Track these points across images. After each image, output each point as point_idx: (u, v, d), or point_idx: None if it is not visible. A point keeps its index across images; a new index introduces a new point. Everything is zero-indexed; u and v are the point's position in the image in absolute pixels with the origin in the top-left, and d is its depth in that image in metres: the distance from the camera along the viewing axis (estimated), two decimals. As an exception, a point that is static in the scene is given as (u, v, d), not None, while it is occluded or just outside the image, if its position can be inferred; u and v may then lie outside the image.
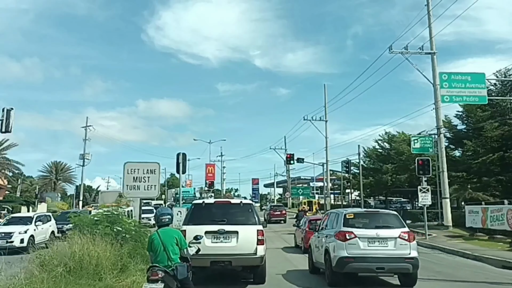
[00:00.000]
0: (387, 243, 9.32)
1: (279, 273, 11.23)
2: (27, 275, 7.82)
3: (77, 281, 8.13)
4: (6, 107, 18.05)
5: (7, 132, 18.52)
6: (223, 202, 10.81)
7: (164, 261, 6.07)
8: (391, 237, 9.36)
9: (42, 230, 19.26)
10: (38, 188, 55.34)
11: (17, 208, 37.93)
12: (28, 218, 19.46)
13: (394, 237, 9.34)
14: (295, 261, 14.42)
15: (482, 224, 20.70)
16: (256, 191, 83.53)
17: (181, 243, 6.25)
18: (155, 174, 13.74)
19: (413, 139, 26.79)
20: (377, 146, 43.42)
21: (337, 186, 56.14)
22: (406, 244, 9.33)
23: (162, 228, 6.34)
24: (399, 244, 9.30)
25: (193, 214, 9.71)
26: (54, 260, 8.82)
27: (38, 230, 18.92)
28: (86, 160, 49.96)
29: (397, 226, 9.69)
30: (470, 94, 23.14)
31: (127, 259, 9.66)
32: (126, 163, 13.78)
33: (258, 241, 9.21)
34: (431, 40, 25.21)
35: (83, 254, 8.88)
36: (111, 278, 8.56)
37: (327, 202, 48.84)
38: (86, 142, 50.36)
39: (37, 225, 18.94)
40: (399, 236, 9.35)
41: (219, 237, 9.15)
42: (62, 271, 8.23)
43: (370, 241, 9.31)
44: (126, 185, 13.62)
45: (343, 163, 43.04)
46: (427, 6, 25.26)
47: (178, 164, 17.40)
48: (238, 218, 9.50)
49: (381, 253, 9.20)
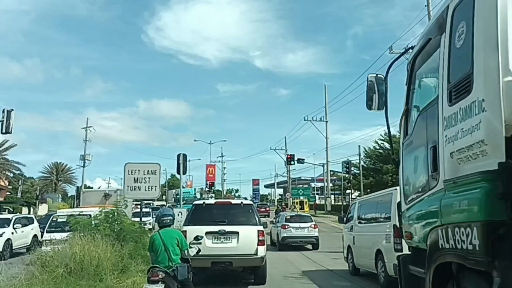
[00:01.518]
0: (305, 229, 18.86)
1: (280, 274, 11.24)
2: (27, 276, 7.83)
3: (77, 282, 8.13)
4: (7, 108, 18.05)
5: (8, 133, 18.52)
6: (223, 203, 10.82)
7: (165, 261, 6.08)
8: (306, 227, 18.96)
9: (22, 234, 17.76)
10: (39, 189, 55.39)
11: (18, 209, 37.97)
12: (5, 221, 17.74)
13: (307, 227, 18.97)
14: (296, 262, 14.42)
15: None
16: (257, 192, 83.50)
17: (182, 244, 6.26)
18: (155, 175, 13.74)
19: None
20: (377, 147, 43.44)
21: (337, 186, 56.09)
22: (313, 230, 18.93)
23: (163, 229, 6.35)
24: (310, 230, 18.91)
25: (193, 215, 9.71)
26: (55, 261, 8.82)
27: (17, 234, 17.41)
28: (87, 161, 49.97)
29: (310, 221, 19.44)
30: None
31: (127, 260, 9.65)
32: (127, 164, 13.78)
33: (259, 242, 9.21)
34: (431, 41, 25.21)
35: (84, 255, 8.87)
36: (112, 279, 8.56)
37: (328, 203, 48.89)
38: (87, 143, 50.38)
39: (15, 228, 17.37)
40: (310, 226, 19.04)
41: (219, 237, 9.15)
42: (63, 272, 8.23)
43: (297, 229, 18.73)
44: (127, 186, 13.63)
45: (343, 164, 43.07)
46: (427, 7, 25.27)
47: (179, 164, 17.41)
48: (239, 218, 9.51)
49: (301, 234, 18.80)
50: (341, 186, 51.64)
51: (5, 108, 18.04)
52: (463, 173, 3.09)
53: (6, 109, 17.99)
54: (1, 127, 17.86)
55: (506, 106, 2.65)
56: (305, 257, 15.37)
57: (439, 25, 3.66)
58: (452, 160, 3.25)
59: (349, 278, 10.96)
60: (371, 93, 5.15)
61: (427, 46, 4.01)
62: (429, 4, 25.28)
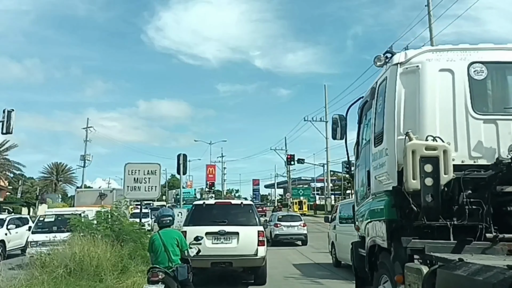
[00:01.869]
0: (295, 228, 21.03)
1: (280, 274, 11.22)
2: (27, 277, 7.83)
3: (77, 283, 8.13)
4: (7, 108, 18.03)
5: (8, 134, 18.49)
6: (223, 203, 10.81)
7: (165, 262, 6.07)
8: (296, 225, 21.16)
9: (16, 235, 17.00)
10: (39, 189, 55.37)
11: (18, 209, 37.96)
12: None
13: (297, 225, 21.16)
14: (296, 262, 14.41)
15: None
16: (257, 192, 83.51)
17: (182, 244, 6.25)
18: (155, 175, 13.71)
19: (414, 140, 26.66)
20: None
21: (337, 186, 56.12)
22: (302, 228, 21.20)
23: (163, 229, 6.34)
24: (299, 228, 21.09)
25: (193, 215, 9.70)
26: (55, 261, 8.81)
27: (12, 235, 16.71)
28: (87, 161, 49.97)
29: (299, 220, 21.72)
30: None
31: (127, 260, 9.64)
32: (127, 164, 13.76)
33: (259, 242, 9.20)
34: (431, 41, 25.14)
35: (84, 255, 8.87)
36: (112, 279, 8.55)
37: (328, 203, 48.83)
38: (87, 143, 50.41)
39: (9, 229, 16.66)
40: (299, 225, 21.23)
41: (219, 238, 9.14)
42: (63, 273, 8.23)
43: (288, 227, 21.02)
44: (127, 186, 13.62)
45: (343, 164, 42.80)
46: (428, 7, 25.23)
47: (179, 165, 17.39)
48: (239, 219, 9.50)
49: (292, 232, 20.99)
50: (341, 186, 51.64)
51: (6, 109, 18.02)
52: (379, 190, 4.97)
53: (6, 109, 17.96)
54: (2, 128, 17.84)
55: (398, 153, 4.39)
56: (306, 258, 15.36)
57: (372, 92, 5.46)
58: (376, 181, 5.05)
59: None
60: (335, 126, 6.74)
61: (367, 102, 5.78)
62: (429, 4, 25.23)
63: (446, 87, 4.48)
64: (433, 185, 4.01)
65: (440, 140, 4.18)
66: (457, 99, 4.43)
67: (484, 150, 4.33)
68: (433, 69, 4.54)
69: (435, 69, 4.55)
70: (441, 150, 4.05)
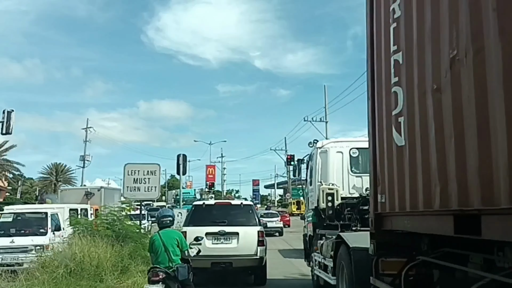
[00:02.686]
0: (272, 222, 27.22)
1: (280, 274, 11.25)
2: (28, 277, 7.84)
3: (78, 283, 8.14)
4: (7, 109, 18.08)
5: (8, 134, 18.54)
6: (223, 204, 10.84)
7: (165, 262, 6.09)
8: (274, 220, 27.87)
9: None
10: (38, 190, 55.35)
11: (18, 210, 37.81)
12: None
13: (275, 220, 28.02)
14: (296, 262, 14.43)
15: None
16: (257, 192, 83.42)
17: (182, 244, 6.27)
18: (155, 175, 13.76)
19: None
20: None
21: (337, 187, 56.12)
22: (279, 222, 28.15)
23: (163, 230, 6.36)
24: (276, 222, 27.77)
25: (193, 216, 9.72)
26: (55, 261, 8.83)
27: None
28: (87, 161, 50.00)
29: (277, 216, 28.91)
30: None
31: (127, 260, 9.66)
32: (127, 164, 13.80)
33: (259, 242, 9.23)
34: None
35: (84, 256, 8.90)
36: (112, 280, 8.58)
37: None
38: (87, 143, 50.45)
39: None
40: (276, 220, 28.16)
41: (219, 238, 9.17)
42: (63, 273, 8.25)
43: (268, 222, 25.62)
44: (126, 187, 13.65)
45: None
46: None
47: (179, 165, 17.44)
48: (239, 219, 9.53)
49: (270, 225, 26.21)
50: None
51: (5, 109, 18.07)
52: (311, 207, 9.37)
53: (6, 110, 18.00)
54: (1, 128, 17.87)
55: (317, 191, 8.54)
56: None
57: (309, 156, 9.82)
58: (310, 202, 9.64)
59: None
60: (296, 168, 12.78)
61: (309, 161, 9.89)
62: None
63: (339, 160, 8.58)
64: (332, 206, 8.07)
65: (335, 185, 8.33)
66: (344, 166, 8.51)
67: (356, 190, 8.24)
68: (333, 151, 8.70)
69: (334, 151, 8.70)
70: (335, 190, 8.21)
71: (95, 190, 19.90)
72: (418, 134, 3.44)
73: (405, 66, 3.75)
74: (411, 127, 3.59)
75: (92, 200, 18.17)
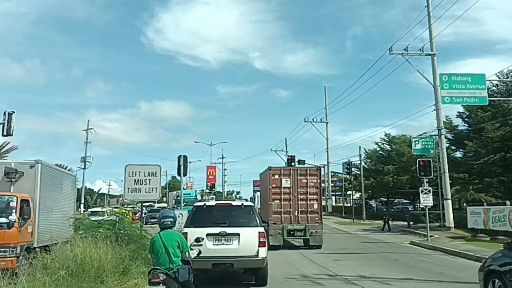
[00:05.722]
0: None
1: (281, 275, 11.23)
2: (29, 278, 7.83)
3: (79, 284, 8.13)
4: (8, 110, 18.09)
5: (9, 136, 18.55)
6: (224, 204, 10.83)
7: (166, 263, 6.08)
8: None
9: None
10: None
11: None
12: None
13: None
14: (297, 263, 14.42)
15: (484, 225, 20.65)
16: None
17: (183, 246, 6.25)
18: (156, 176, 13.76)
19: (414, 140, 26.81)
20: (378, 148, 43.43)
21: (338, 187, 56.05)
22: None
23: (164, 231, 6.35)
24: None
25: (194, 217, 9.71)
26: (56, 263, 8.83)
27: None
28: (88, 163, 50.07)
29: None
30: (470, 95, 23.10)
31: (128, 262, 9.66)
32: (127, 165, 13.79)
33: (260, 243, 9.21)
34: (431, 41, 25.19)
35: (85, 257, 8.89)
36: (113, 281, 8.57)
37: (329, 204, 48.79)
38: (88, 144, 50.50)
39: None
40: None
41: (220, 239, 9.15)
42: (64, 274, 8.24)
43: None
44: (127, 188, 13.64)
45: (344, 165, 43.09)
46: (427, 7, 25.25)
47: (179, 166, 17.44)
48: (240, 220, 9.51)
49: None
50: (342, 187, 51.56)
51: (6, 111, 18.08)
52: None
53: (7, 111, 18.03)
54: (2, 129, 17.89)
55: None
56: (307, 259, 15.34)
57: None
58: None
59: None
60: None
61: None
62: (429, 4, 25.26)
63: None
64: None
65: None
66: None
67: None
68: None
69: None
70: None
71: (25, 167, 11.98)
72: None
73: None
74: None
75: (19, 185, 11.49)
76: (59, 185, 14.18)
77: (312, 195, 18.32)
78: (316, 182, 18.55)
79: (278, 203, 18.16)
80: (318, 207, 18.35)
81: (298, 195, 18.19)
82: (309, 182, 18.38)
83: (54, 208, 13.40)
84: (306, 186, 18.31)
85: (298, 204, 18.15)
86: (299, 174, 18.55)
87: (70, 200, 15.77)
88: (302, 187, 18.28)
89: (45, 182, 12.40)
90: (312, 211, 18.17)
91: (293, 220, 18.05)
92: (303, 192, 18.25)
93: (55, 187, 13.74)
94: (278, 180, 18.28)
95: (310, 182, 18.41)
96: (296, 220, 18.06)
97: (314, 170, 19.45)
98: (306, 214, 18.12)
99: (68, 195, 15.47)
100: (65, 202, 14.84)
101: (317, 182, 18.57)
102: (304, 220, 18.04)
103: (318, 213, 18.29)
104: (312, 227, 18.00)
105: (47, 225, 12.61)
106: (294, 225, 18.07)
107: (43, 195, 12.20)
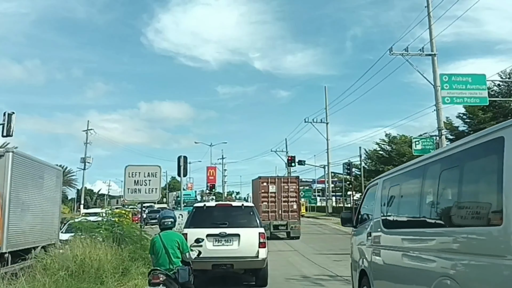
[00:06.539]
0: None
1: (281, 276, 11.22)
2: (29, 279, 7.82)
3: (78, 285, 8.13)
4: (8, 111, 18.12)
5: (9, 136, 18.59)
6: (224, 205, 10.83)
7: (166, 264, 6.07)
8: None
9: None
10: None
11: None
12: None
13: None
14: (297, 264, 14.40)
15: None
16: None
17: (183, 246, 6.25)
18: (156, 177, 13.76)
19: (415, 141, 26.74)
20: (378, 148, 43.42)
21: (338, 188, 56.08)
22: None
23: (164, 231, 6.34)
24: None
25: (194, 217, 9.70)
26: (56, 263, 8.82)
27: None
28: (87, 163, 50.09)
29: None
30: (471, 96, 23.07)
31: (128, 263, 9.65)
32: (127, 166, 13.79)
33: (260, 244, 9.20)
34: (431, 42, 25.17)
35: (85, 258, 8.88)
36: (113, 282, 8.56)
37: (329, 204, 48.80)
38: (88, 145, 50.49)
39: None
40: None
41: (220, 240, 9.14)
42: (64, 275, 8.23)
43: None
44: (127, 189, 13.64)
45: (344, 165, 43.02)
46: (427, 8, 25.23)
47: (179, 167, 17.45)
48: (240, 221, 9.50)
49: None
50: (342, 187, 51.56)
51: (6, 111, 18.11)
52: None
53: (7, 112, 18.05)
54: (2, 130, 17.91)
55: None
56: (307, 259, 15.34)
57: None
58: None
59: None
60: None
61: None
62: (429, 5, 25.26)
63: None
64: None
65: None
66: None
67: None
68: None
69: None
70: None
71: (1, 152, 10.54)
72: None
73: None
74: None
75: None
76: (38, 180, 12.15)
77: (292, 198, 22.98)
78: (296, 188, 23.39)
79: (266, 204, 22.60)
80: (297, 207, 23.20)
81: (281, 198, 22.76)
82: (290, 188, 23.03)
83: (31, 207, 11.44)
84: (287, 191, 22.92)
85: (281, 205, 22.66)
86: (282, 182, 23.35)
87: (54, 197, 13.65)
88: (285, 191, 22.90)
89: (19, 175, 10.59)
90: (292, 210, 22.72)
91: (278, 217, 22.56)
92: (285, 196, 22.87)
93: (33, 182, 11.76)
94: (266, 187, 22.93)
95: (291, 188, 23.11)
96: (280, 217, 22.58)
97: (294, 179, 24.90)
98: (287, 212, 22.60)
99: (52, 191, 13.33)
100: (46, 199, 12.72)
101: (296, 188, 23.45)
102: (286, 217, 22.57)
103: (297, 212, 23.04)
104: (292, 223, 22.51)
105: (20, 226, 10.78)
106: (278, 221, 22.60)
107: (14, 190, 10.35)
